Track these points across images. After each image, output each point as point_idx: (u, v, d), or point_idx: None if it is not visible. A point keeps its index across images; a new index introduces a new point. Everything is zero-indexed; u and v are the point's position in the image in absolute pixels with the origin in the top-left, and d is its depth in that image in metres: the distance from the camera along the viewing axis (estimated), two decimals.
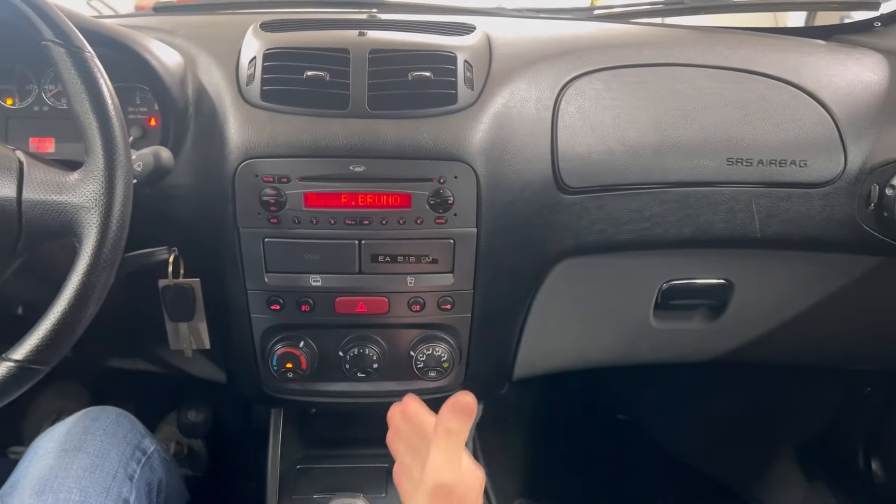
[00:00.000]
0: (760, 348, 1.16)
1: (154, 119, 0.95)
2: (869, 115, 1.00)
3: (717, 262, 1.07)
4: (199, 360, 1.11)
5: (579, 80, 0.98)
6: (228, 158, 0.87)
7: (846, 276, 1.07)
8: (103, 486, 0.85)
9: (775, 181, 0.98)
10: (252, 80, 0.90)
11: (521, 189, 0.92)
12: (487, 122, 0.89)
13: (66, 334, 0.66)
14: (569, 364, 1.18)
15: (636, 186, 0.97)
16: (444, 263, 0.93)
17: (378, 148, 0.87)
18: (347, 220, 0.89)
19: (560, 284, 1.05)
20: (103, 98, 0.67)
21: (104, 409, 0.95)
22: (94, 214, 0.67)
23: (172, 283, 0.96)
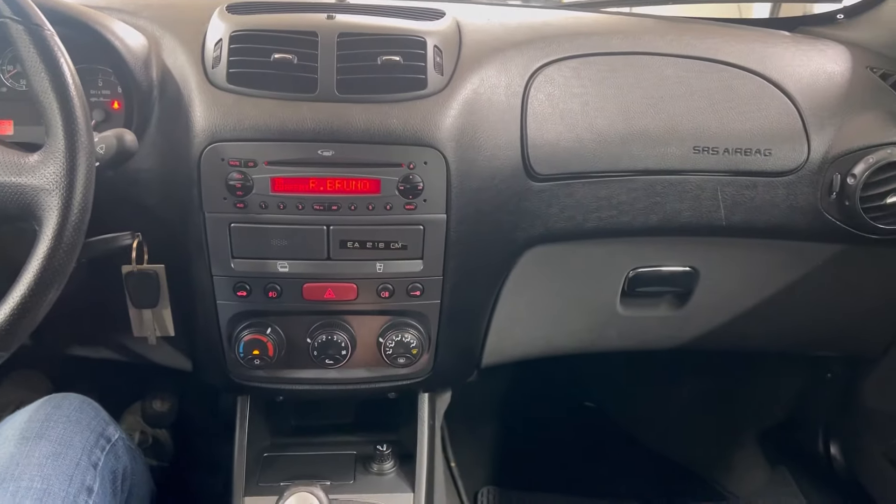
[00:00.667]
0: (725, 335, 1.18)
1: (117, 102, 0.93)
2: (832, 105, 1.01)
3: (683, 249, 1.09)
4: (164, 348, 1.09)
5: (549, 68, 0.98)
6: (194, 142, 0.86)
7: (808, 263, 1.09)
8: (66, 474, 0.83)
9: (740, 170, 0.99)
10: (218, 62, 0.89)
11: (490, 176, 0.92)
12: (457, 107, 0.89)
13: (27, 319, 0.64)
14: (537, 351, 1.19)
15: (604, 174, 0.98)
16: (413, 250, 0.93)
17: (347, 132, 0.86)
18: (315, 205, 0.88)
19: (529, 272, 1.05)
20: (64, 77, 0.66)
21: (66, 397, 0.93)
22: (54, 197, 0.65)
23: (136, 269, 0.94)
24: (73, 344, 1.14)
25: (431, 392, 1.15)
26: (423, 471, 1.06)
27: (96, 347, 1.13)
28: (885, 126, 1.00)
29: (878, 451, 1.29)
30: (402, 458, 1.11)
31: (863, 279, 1.13)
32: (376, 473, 1.10)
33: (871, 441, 1.32)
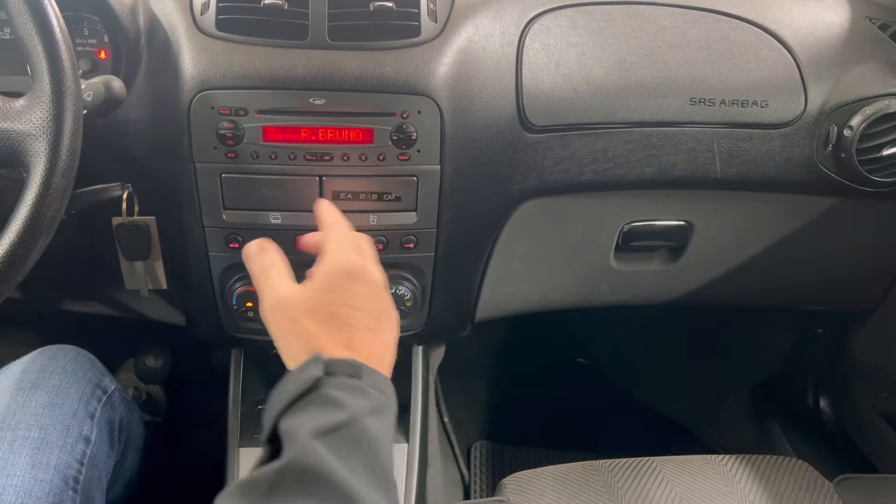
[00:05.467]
0: (718, 289, 1.18)
1: (104, 52, 0.91)
2: (830, 56, 1.00)
3: (678, 203, 1.08)
4: (157, 302, 1.09)
5: (545, 17, 0.96)
6: (183, 90, 0.84)
7: (803, 216, 1.09)
8: (63, 423, 0.83)
9: (737, 121, 0.98)
10: (206, 8, 0.87)
11: (485, 126, 0.91)
12: (451, 56, 0.88)
13: (16, 266, 0.64)
14: (530, 306, 1.19)
15: (600, 126, 0.97)
16: (407, 201, 0.92)
17: (339, 80, 0.84)
18: (307, 155, 0.87)
19: (523, 225, 1.05)
20: (48, 19, 0.64)
21: (62, 348, 0.93)
22: (42, 142, 0.64)
23: (126, 221, 0.93)
24: (64, 298, 1.13)
25: (425, 346, 1.15)
26: (418, 422, 1.07)
27: (88, 302, 1.12)
28: (883, 77, 0.99)
29: (867, 404, 1.31)
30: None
31: (857, 233, 1.13)
32: None
33: (861, 394, 1.33)
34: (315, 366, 0.60)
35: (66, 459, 0.81)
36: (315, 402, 0.58)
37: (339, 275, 0.68)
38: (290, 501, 0.52)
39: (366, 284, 0.69)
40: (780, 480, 0.94)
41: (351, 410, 0.57)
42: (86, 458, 0.83)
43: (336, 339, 0.65)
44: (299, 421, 0.56)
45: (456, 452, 1.48)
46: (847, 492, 0.92)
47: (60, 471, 0.80)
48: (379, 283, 0.71)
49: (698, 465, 0.96)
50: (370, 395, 0.60)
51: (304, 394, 0.58)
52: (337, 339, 0.65)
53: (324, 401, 0.58)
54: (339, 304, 0.66)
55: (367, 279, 0.69)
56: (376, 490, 0.55)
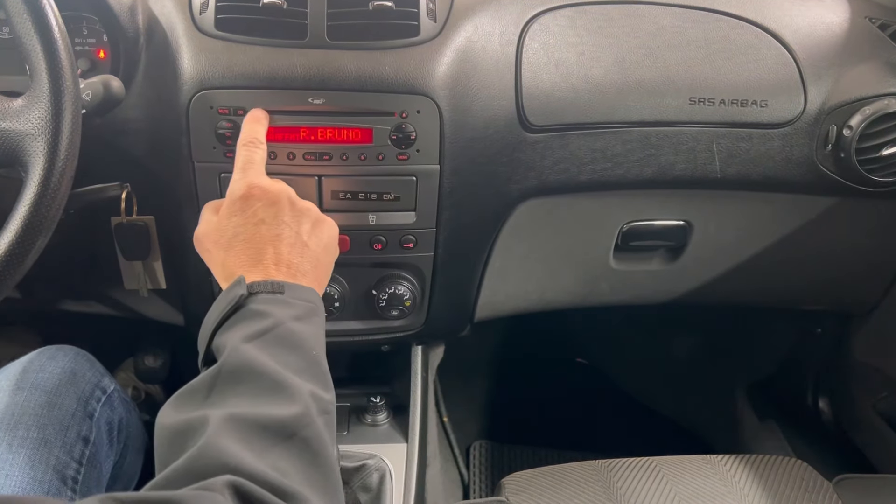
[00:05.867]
0: (717, 289, 1.18)
1: (103, 51, 0.91)
2: (829, 56, 1.00)
3: (677, 203, 1.08)
4: (156, 302, 1.08)
5: (544, 16, 0.96)
6: (182, 90, 0.84)
7: (802, 216, 1.09)
8: (63, 423, 0.83)
9: (736, 121, 0.98)
10: (206, 8, 0.87)
11: (484, 126, 0.91)
12: (451, 55, 0.88)
13: (15, 265, 0.64)
14: (529, 305, 1.19)
15: (599, 125, 0.96)
16: (406, 201, 0.92)
17: (338, 80, 0.84)
18: (307, 155, 0.87)
19: (522, 225, 1.05)
20: (47, 18, 0.64)
21: (61, 348, 0.93)
22: (40, 141, 0.64)
23: (125, 221, 0.93)
24: (63, 298, 1.13)
25: (425, 345, 1.15)
26: (417, 421, 1.06)
27: (87, 302, 1.12)
28: (883, 77, 0.99)
29: (866, 404, 1.31)
30: (396, 409, 1.12)
31: (856, 232, 1.13)
32: (370, 425, 1.11)
33: (860, 394, 1.33)
34: (238, 287, 0.64)
35: (64, 459, 0.81)
36: (241, 318, 0.63)
37: (237, 199, 0.72)
38: (228, 395, 0.56)
39: (263, 199, 0.71)
40: (779, 480, 0.94)
41: (276, 317, 0.62)
42: (85, 458, 0.83)
43: (242, 260, 0.69)
44: (229, 334, 0.61)
45: (455, 452, 1.47)
46: (846, 492, 0.92)
47: (59, 471, 0.80)
48: (278, 196, 0.72)
49: (697, 464, 0.96)
50: (294, 304, 0.65)
51: (230, 313, 0.63)
52: (246, 257, 0.69)
53: (249, 315, 0.62)
54: (240, 225, 0.70)
55: (264, 196, 0.72)
56: (307, 379, 0.59)
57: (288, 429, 0.54)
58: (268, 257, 0.69)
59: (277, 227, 0.70)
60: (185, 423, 0.54)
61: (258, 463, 0.50)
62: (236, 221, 0.71)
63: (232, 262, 0.69)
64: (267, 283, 0.65)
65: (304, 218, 0.73)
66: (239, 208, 0.71)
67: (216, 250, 0.71)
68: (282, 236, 0.70)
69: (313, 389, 0.59)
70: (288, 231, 0.71)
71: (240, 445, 0.51)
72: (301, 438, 0.54)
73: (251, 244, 0.69)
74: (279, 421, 0.54)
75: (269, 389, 0.56)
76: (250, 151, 0.77)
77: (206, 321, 0.66)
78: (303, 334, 0.63)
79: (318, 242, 0.73)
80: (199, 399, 0.57)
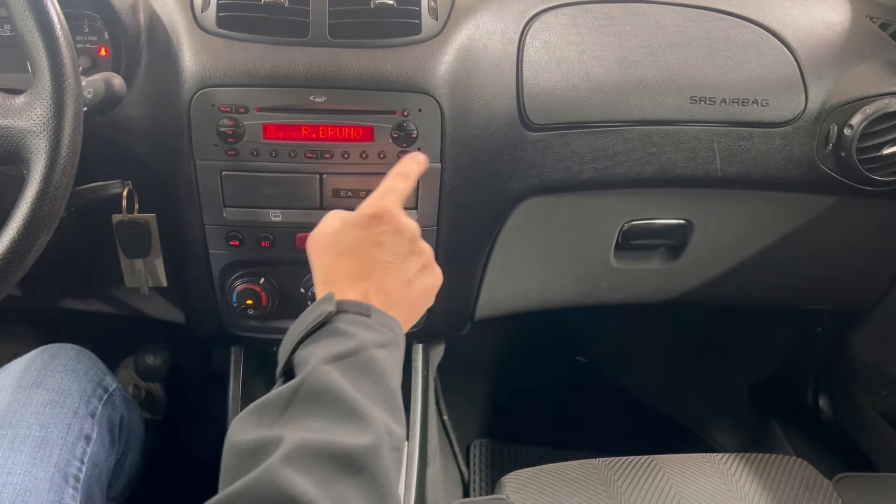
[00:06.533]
0: (718, 288, 1.18)
1: (104, 49, 0.91)
2: (830, 55, 1.00)
3: (678, 202, 1.08)
4: (157, 300, 1.09)
5: (545, 15, 0.96)
6: (183, 87, 0.84)
7: (803, 216, 1.09)
8: (64, 422, 0.83)
9: (737, 120, 0.98)
10: (207, 5, 0.87)
11: (485, 124, 0.91)
12: (452, 54, 0.88)
13: (16, 263, 0.64)
14: (530, 304, 1.19)
15: (600, 124, 0.96)
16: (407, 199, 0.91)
17: (339, 78, 0.84)
18: (308, 153, 0.87)
19: (523, 224, 1.05)
20: (49, 16, 0.64)
21: (63, 347, 0.93)
22: (42, 139, 0.64)
23: (126, 219, 0.93)
24: (64, 296, 1.13)
25: (425, 344, 1.15)
26: (418, 420, 1.06)
27: (88, 300, 1.12)
28: (884, 76, 0.99)
29: (866, 403, 1.31)
30: None
31: (857, 232, 1.13)
32: None
33: (860, 393, 1.33)
34: (327, 303, 0.63)
35: (66, 458, 0.81)
36: (326, 335, 0.62)
37: (366, 216, 0.72)
38: (304, 416, 0.55)
39: (391, 225, 0.71)
40: (779, 479, 0.94)
41: (360, 340, 0.61)
42: (86, 457, 0.83)
43: (347, 273, 0.68)
44: (311, 350, 0.60)
45: (455, 450, 1.47)
46: (846, 490, 0.92)
47: (61, 469, 0.80)
48: (405, 228, 0.72)
49: (698, 463, 0.96)
50: (378, 330, 0.64)
51: (316, 328, 0.62)
52: (351, 270, 0.69)
53: (334, 333, 0.61)
54: (359, 240, 0.70)
55: (392, 222, 0.71)
56: (383, 411, 0.58)
57: (358, 461, 0.52)
58: (372, 279, 0.68)
59: (392, 255, 0.70)
60: (254, 443, 0.53)
61: (320, 495, 0.49)
62: (357, 235, 0.70)
63: (337, 270, 0.69)
64: (356, 304, 0.64)
65: (418, 258, 0.72)
66: (365, 224, 0.71)
67: (327, 254, 0.71)
68: (393, 265, 0.69)
69: (388, 423, 0.57)
70: (400, 263, 0.70)
71: (305, 476, 0.49)
72: (369, 473, 0.53)
73: (362, 260, 0.69)
74: (350, 451, 0.52)
75: (344, 416, 0.55)
76: (396, 181, 0.77)
77: (290, 333, 0.64)
78: (384, 363, 0.62)
79: (421, 286, 0.72)
80: (273, 415, 0.56)
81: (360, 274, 0.68)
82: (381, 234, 0.70)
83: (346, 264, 0.69)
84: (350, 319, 0.63)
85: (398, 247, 0.71)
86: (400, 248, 0.71)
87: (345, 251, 0.70)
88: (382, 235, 0.70)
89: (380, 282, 0.68)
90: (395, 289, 0.69)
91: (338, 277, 0.68)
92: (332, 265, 0.70)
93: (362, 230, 0.71)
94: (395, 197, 0.75)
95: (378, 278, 0.68)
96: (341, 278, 0.68)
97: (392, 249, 0.70)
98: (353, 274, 0.68)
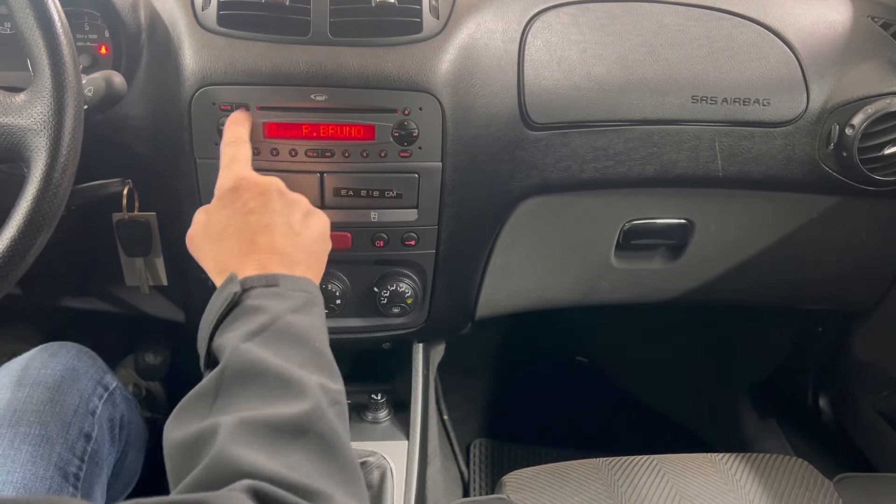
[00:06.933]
0: (719, 288, 1.18)
1: (105, 47, 0.91)
2: (832, 54, 1.00)
3: (679, 201, 1.08)
4: (157, 299, 1.08)
5: (546, 14, 0.96)
6: (184, 86, 0.84)
7: (804, 215, 1.09)
8: (64, 420, 0.83)
9: (738, 120, 0.98)
10: (208, 4, 0.87)
11: (486, 123, 0.91)
12: (453, 52, 0.88)
13: (17, 261, 0.63)
14: (530, 304, 1.19)
15: (601, 123, 0.96)
16: (408, 198, 0.92)
17: (340, 76, 0.84)
18: (309, 151, 0.87)
19: (524, 223, 1.05)
20: (49, 14, 0.64)
21: (63, 345, 0.93)
22: (42, 137, 0.64)
23: (127, 217, 0.93)
24: (64, 295, 1.13)
25: (426, 343, 1.15)
26: (418, 419, 1.06)
27: (88, 298, 1.12)
28: (885, 76, 0.99)
29: (867, 404, 1.31)
30: (397, 407, 1.12)
31: (858, 232, 1.13)
32: (371, 422, 1.11)
33: (861, 393, 1.33)
34: (231, 284, 0.63)
35: (66, 456, 0.81)
36: (238, 316, 0.61)
37: (224, 192, 0.71)
38: (235, 398, 0.55)
39: (252, 190, 0.70)
40: (779, 479, 0.94)
41: (272, 311, 0.61)
42: (86, 455, 0.83)
43: (234, 252, 0.68)
44: (227, 335, 0.60)
45: (455, 450, 1.47)
46: (847, 490, 0.92)
47: (61, 467, 0.80)
48: (267, 187, 0.71)
49: (698, 463, 0.96)
50: (290, 296, 0.63)
51: (226, 312, 0.62)
52: (237, 248, 0.68)
53: (245, 312, 0.61)
54: (229, 216, 0.69)
55: (252, 186, 0.71)
56: (313, 372, 0.58)
57: (301, 426, 0.53)
58: (261, 246, 0.67)
59: (268, 216, 0.69)
60: (194, 435, 0.53)
61: (273, 464, 0.49)
62: (226, 214, 0.70)
63: (224, 254, 0.68)
64: (261, 278, 0.64)
65: (294, 208, 0.72)
66: (228, 200, 0.70)
67: (207, 245, 0.70)
68: (273, 225, 0.69)
69: (321, 381, 0.58)
70: (279, 220, 0.69)
71: (253, 449, 0.50)
72: (315, 433, 0.53)
73: (242, 234, 0.68)
74: (290, 419, 0.53)
75: (276, 387, 0.55)
76: (234, 149, 0.76)
77: (203, 322, 0.64)
78: (303, 326, 0.62)
79: (310, 232, 0.72)
80: (205, 406, 0.55)
81: (248, 247, 0.67)
82: (247, 202, 0.70)
83: (229, 245, 0.68)
84: (258, 293, 0.62)
85: (270, 205, 0.70)
86: (273, 206, 0.70)
87: (222, 233, 0.69)
88: (249, 203, 0.69)
89: (269, 246, 0.67)
90: (286, 246, 0.68)
91: (228, 261, 0.68)
92: (218, 252, 0.69)
93: (228, 207, 0.70)
94: (241, 164, 0.74)
95: (266, 243, 0.67)
96: (232, 260, 0.67)
97: (265, 210, 0.69)
98: (240, 251, 0.67)
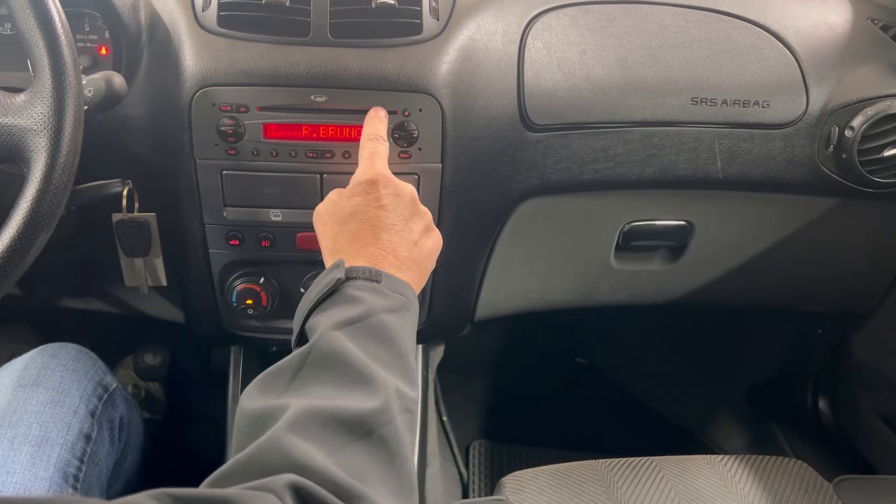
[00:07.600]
0: (718, 290, 1.18)
1: (105, 48, 0.91)
2: (831, 56, 1.00)
3: (679, 203, 1.08)
4: (156, 299, 1.08)
5: (546, 16, 0.96)
6: (184, 87, 0.84)
7: (804, 217, 1.09)
8: (64, 421, 0.83)
9: (738, 122, 0.98)
10: (208, 4, 0.87)
11: (486, 124, 0.91)
12: (453, 54, 0.88)
13: (16, 262, 0.63)
14: (530, 305, 1.19)
15: (601, 125, 0.96)
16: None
17: (340, 77, 0.84)
18: (308, 152, 0.87)
19: (523, 224, 1.05)
20: (50, 14, 0.64)
21: (63, 346, 0.93)
22: (42, 137, 0.64)
23: (126, 218, 0.93)
24: (64, 295, 1.13)
25: (425, 344, 1.15)
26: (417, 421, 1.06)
27: (88, 299, 1.12)
28: (885, 78, 0.99)
29: (867, 406, 1.31)
30: None
31: (857, 234, 1.13)
32: None
33: (861, 395, 1.33)
34: (337, 270, 0.64)
35: (66, 457, 0.81)
36: (336, 303, 0.62)
37: (363, 182, 0.72)
38: (312, 383, 0.55)
39: (389, 188, 0.72)
40: (779, 481, 0.94)
41: (369, 305, 0.61)
42: (86, 456, 0.83)
43: (355, 238, 0.69)
44: (322, 317, 0.61)
45: (455, 451, 1.47)
46: (846, 492, 0.92)
47: (61, 468, 0.80)
48: (403, 190, 0.73)
49: (697, 465, 0.96)
50: (388, 295, 0.64)
51: (326, 296, 0.63)
52: (357, 236, 0.69)
53: (344, 299, 0.62)
54: (362, 205, 0.71)
55: (391, 185, 0.72)
56: (393, 374, 0.58)
57: (366, 425, 0.52)
58: (380, 242, 0.68)
59: (395, 216, 0.70)
60: (264, 409, 0.53)
61: (327, 461, 0.48)
62: (358, 201, 0.71)
63: (343, 238, 0.69)
64: (366, 270, 0.65)
65: (419, 219, 0.73)
66: (363, 190, 0.72)
67: (331, 224, 0.72)
68: (397, 226, 0.70)
69: (398, 385, 0.57)
70: (404, 224, 0.71)
71: (312, 442, 0.49)
72: (378, 436, 0.52)
73: (367, 224, 0.69)
74: (358, 415, 0.52)
75: (353, 380, 0.55)
76: (375, 144, 0.78)
77: (303, 302, 0.65)
78: (394, 327, 0.62)
79: (426, 246, 0.73)
80: (283, 383, 0.56)
81: (367, 238, 0.68)
82: (382, 198, 0.71)
83: (351, 230, 0.69)
84: (359, 286, 0.63)
85: (400, 208, 0.71)
86: (402, 210, 0.71)
87: (348, 218, 0.70)
88: (384, 198, 0.71)
89: (387, 244, 0.68)
90: (402, 250, 0.69)
91: (344, 245, 0.69)
92: (338, 233, 0.70)
93: (363, 196, 0.71)
94: (382, 160, 0.76)
95: (385, 241, 0.68)
96: (348, 246, 0.68)
97: (395, 211, 0.71)
98: (359, 239, 0.68)
